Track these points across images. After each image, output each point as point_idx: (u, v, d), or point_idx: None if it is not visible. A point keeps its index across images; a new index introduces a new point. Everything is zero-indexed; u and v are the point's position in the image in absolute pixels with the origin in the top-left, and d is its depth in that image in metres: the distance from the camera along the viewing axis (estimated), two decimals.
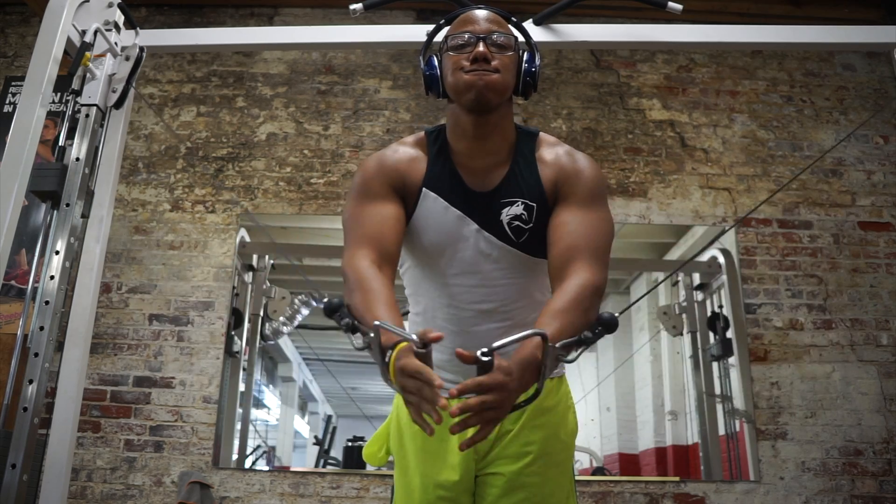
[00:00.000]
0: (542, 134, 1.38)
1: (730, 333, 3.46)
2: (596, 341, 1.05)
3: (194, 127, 3.70)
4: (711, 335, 3.57)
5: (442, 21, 1.43)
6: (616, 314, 1.06)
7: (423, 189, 1.32)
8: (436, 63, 1.34)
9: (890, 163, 3.66)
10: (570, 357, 1.05)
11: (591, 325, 1.08)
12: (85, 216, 1.94)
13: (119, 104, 2.08)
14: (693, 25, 2.29)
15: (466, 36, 1.27)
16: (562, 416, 1.37)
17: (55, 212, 1.89)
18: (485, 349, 0.92)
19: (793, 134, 3.70)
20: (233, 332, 3.39)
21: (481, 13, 1.32)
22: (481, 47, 1.25)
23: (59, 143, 1.98)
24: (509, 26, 1.35)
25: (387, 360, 0.98)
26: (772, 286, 3.42)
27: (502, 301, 1.32)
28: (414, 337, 0.95)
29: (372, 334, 1.00)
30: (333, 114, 3.73)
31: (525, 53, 1.33)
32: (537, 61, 1.34)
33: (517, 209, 1.29)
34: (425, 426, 0.93)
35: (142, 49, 2.11)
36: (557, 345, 1.00)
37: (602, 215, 1.27)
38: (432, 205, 1.31)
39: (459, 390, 0.91)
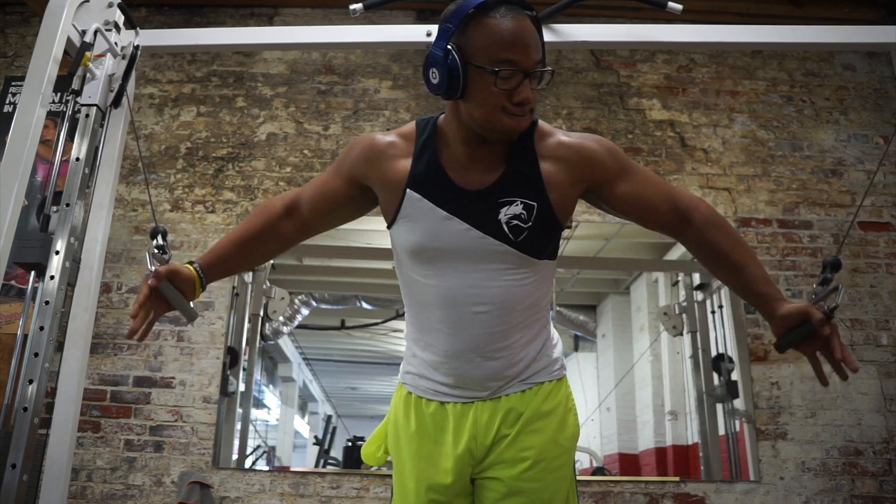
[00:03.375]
0: (540, 123, 1.31)
1: (735, 375, 3.41)
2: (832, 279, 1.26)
3: (194, 127, 3.70)
4: (716, 376, 3.54)
5: (471, 8, 1.18)
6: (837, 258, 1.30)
7: (407, 191, 1.27)
8: (458, 62, 1.17)
9: (890, 163, 3.66)
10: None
11: (822, 275, 1.30)
12: (72, 284, 1.92)
13: (116, 103, 2.07)
14: (693, 25, 2.29)
15: (514, 67, 1.16)
16: (561, 419, 1.34)
17: (41, 281, 1.86)
18: (830, 308, 1.20)
19: (793, 134, 3.70)
20: (228, 372, 3.29)
21: (526, 31, 1.17)
22: (528, 91, 1.17)
23: (58, 148, 1.98)
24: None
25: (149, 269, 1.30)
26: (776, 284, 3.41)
27: (499, 302, 1.27)
28: (151, 268, 1.29)
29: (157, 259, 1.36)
30: (333, 114, 3.73)
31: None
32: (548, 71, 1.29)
33: (516, 209, 1.24)
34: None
35: (136, 47, 2.10)
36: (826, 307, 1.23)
37: (641, 169, 1.33)
38: (417, 206, 1.27)
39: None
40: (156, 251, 1.35)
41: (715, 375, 3.55)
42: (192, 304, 1.35)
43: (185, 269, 1.32)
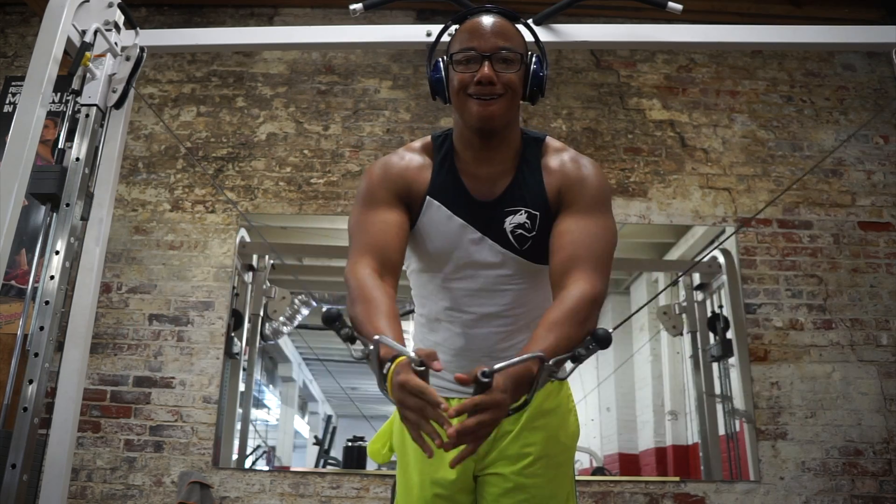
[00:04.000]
0: (548, 139, 1.37)
1: (730, 334, 3.45)
2: (588, 357, 1.04)
3: (194, 127, 3.70)
4: (711, 336, 3.57)
5: (448, 23, 1.40)
6: (610, 329, 1.06)
7: (428, 197, 1.33)
8: (441, 67, 1.32)
9: (890, 163, 3.66)
10: (560, 374, 1.04)
11: (585, 341, 1.07)
12: (84, 218, 1.94)
13: (119, 104, 2.07)
14: (693, 25, 2.29)
15: (472, 53, 1.25)
16: (562, 418, 1.38)
17: (55, 213, 1.89)
18: (485, 370, 0.93)
19: (793, 134, 3.70)
20: (232, 334, 3.38)
21: (488, 23, 1.28)
22: (486, 69, 1.23)
23: (59, 145, 1.98)
24: (517, 27, 1.32)
25: (385, 372, 0.99)
26: (772, 286, 3.41)
27: (504, 305, 1.34)
28: (412, 354, 0.95)
29: (371, 346, 1.01)
30: (333, 114, 3.72)
31: (533, 57, 1.31)
32: (545, 68, 1.32)
33: (520, 217, 1.30)
34: (425, 447, 0.94)
35: (142, 49, 2.11)
36: (550, 361, 1.01)
37: (605, 223, 1.27)
38: (436, 213, 1.32)
39: (458, 411, 0.93)
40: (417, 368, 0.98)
41: (710, 336, 3.56)
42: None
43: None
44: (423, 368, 0.94)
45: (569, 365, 1.07)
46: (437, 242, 1.33)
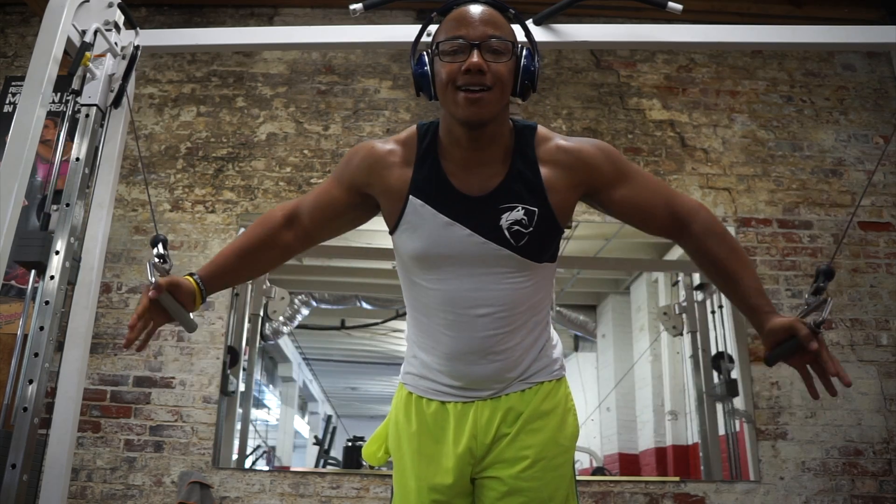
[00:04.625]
0: (539, 129, 1.31)
1: (734, 373, 3.41)
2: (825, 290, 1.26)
3: (194, 127, 3.70)
4: (715, 374, 3.54)
5: (434, 13, 1.34)
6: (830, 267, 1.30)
7: (410, 197, 1.28)
8: (426, 61, 1.25)
9: (890, 163, 3.66)
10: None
11: (815, 284, 1.33)
12: (72, 283, 1.92)
13: (116, 103, 2.07)
14: (693, 25, 2.29)
15: (460, 41, 1.19)
16: (561, 418, 1.35)
17: (41, 280, 1.85)
18: (816, 323, 1.20)
19: (793, 134, 3.70)
20: (228, 371, 3.29)
21: (476, 11, 1.22)
22: (475, 57, 1.17)
23: (56, 153, 1.98)
24: (507, 21, 1.27)
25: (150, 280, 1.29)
26: (772, 286, 3.41)
27: (500, 305, 1.28)
28: (151, 279, 1.28)
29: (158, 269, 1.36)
30: (333, 114, 3.73)
31: (524, 51, 1.25)
32: (537, 62, 1.27)
33: (517, 214, 1.25)
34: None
35: (136, 47, 2.10)
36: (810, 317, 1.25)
37: (640, 172, 1.33)
38: (419, 211, 1.28)
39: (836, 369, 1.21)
40: (157, 260, 1.35)
41: (715, 374, 3.55)
42: (191, 315, 1.34)
43: (185, 281, 1.32)
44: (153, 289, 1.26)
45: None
46: (423, 242, 1.28)
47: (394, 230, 1.33)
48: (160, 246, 1.39)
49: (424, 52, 1.27)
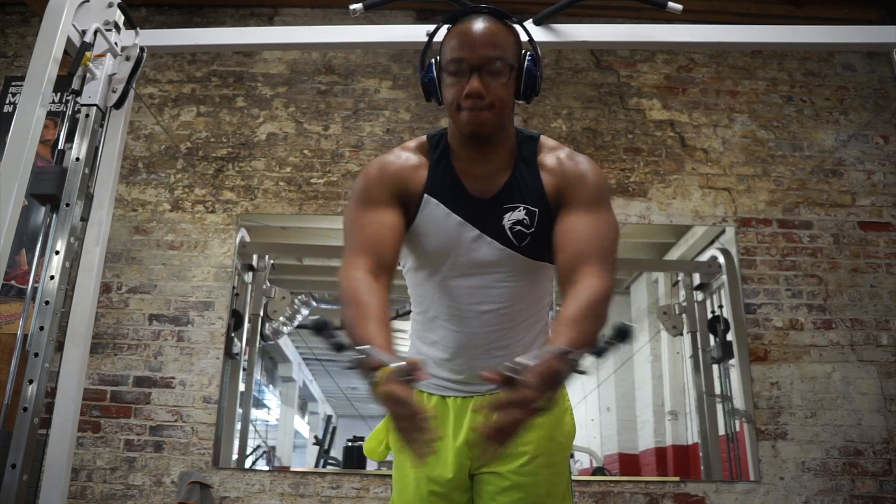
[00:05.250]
0: (542, 137, 1.38)
1: (730, 336, 3.44)
2: (610, 351, 1.03)
3: (194, 127, 3.70)
4: (711, 337, 3.56)
5: (439, 24, 1.38)
6: (629, 323, 1.03)
7: (425, 195, 1.32)
8: (434, 69, 1.32)
9: (890, 163, 3.66)
10: (581, 368, 1.02)
11: (604, 335, 1.06)
12: (84, 219, 1.94)
13: (119, 104, 2.08)
14: (693, 25, 2.29)
15: (461, 64, 1.24)
16: (558, 417, 1.38)
17: (55, 214, 1.89)
18: (512, 365, 0.93)
19: (793, 134, 3.70)
20: (233, 334, 3.37)
21: (478, 30, 1.25)
22: (475, 83, 1.22)
23: (59, 146, 1.98)
24: (509, 31, 1.30)
25: (371, 381, 0.98)
26: (772, 286, 3.41)
27: (503, 302, 1.34)
28: (397, 364, 0.95)
29: (358, 355, 1.01)
30: (333, 114, 3.73)
31: (527, 55, 1.30)
32: (539, 69, 1.31)
33: (519, 214, 1.30)
34: (414, 455, 0.94)
35: (142, 49, 2.11)
36: (573, 355, 1.00)
37: (607, 218, 1.28)
38: (434, 211, 1.32)
39: (489, 406, 0.93)
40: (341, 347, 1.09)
41: (711, 338, 3.55)
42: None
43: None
44: (408, 378, 0.95)
45: (589, 359, 1.07)
46: (435, 240, 1.33)
47: (407, 228, 1.35)
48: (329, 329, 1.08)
49: (432, 61, 1.32)
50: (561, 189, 1.31)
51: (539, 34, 2.17)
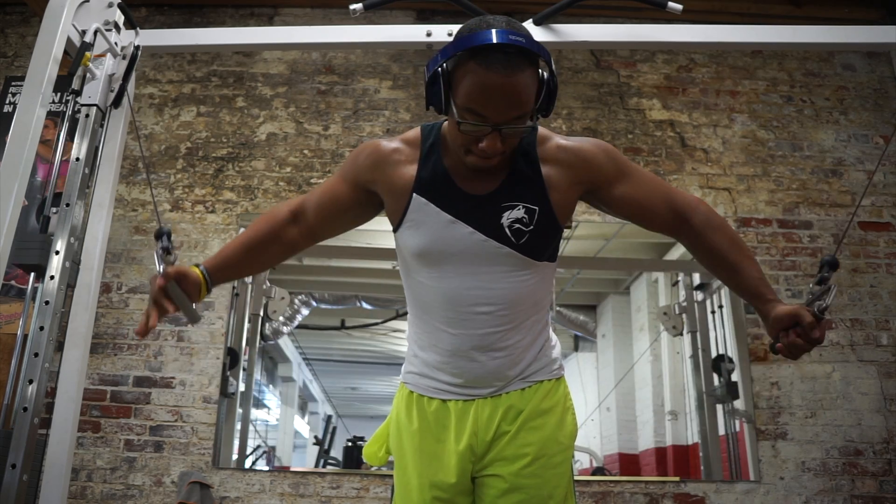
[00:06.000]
0: (540, 129, 1.32)
1: (735, 376, 3.40)
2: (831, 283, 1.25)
3: (194, 127, 3.70)
4: (716, 377, 3.54)
5: (457, 51, 1.16)
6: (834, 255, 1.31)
7: (414, 195, 1.30)
8: (441, 83, 1.18)
9: (890, 163, 3.66)
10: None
11: (819, 275, 1.29)
12: (71, 286, 1.91)
13: (116, 103, 2.08)
14: (693, 25, 2.29)
15: (482, 120, 1.15)
16: (560, 417, 1.36)
17: (41, 282, 1.85)
18: (819, 308, 1.20)
19: (793, 134, 3.70)
20: (228, 373, 3.29)
21: (505, 86, 1.12)
22: (495, 142, 1.17)
23: (56, 152, 1.98)
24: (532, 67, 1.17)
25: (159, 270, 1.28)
26: (772, 286, 3.41)
27: (501, 303, 1.30)
28: (160, 269, 1.28)
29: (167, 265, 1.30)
30: (333, 114, 3.73)
31: (544, 89, 1.20)
32: (552, 104, 1.23)
33: (518, 212, 1.27)
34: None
35: (137, 47, 2.10)
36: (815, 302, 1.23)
37: (639, 171, 1.35)
38: (423, 209, 1.29)
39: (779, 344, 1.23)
40: (162, 252, 1.35)
41: (715, 376, 3.54)
42: (195, 306, 1.35)
43: (191, 271, 1.32)
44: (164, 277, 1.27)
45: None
46: (426, 239, 1.30)
47: (397, 227, 1.34)
48: (165, 238, 1.39)
49: (439, 70, 1.18)
50: (576, 181, 1.29)
51: (539, 34, 2.17)
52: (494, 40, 1.12)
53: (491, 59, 1.12)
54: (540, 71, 1.19)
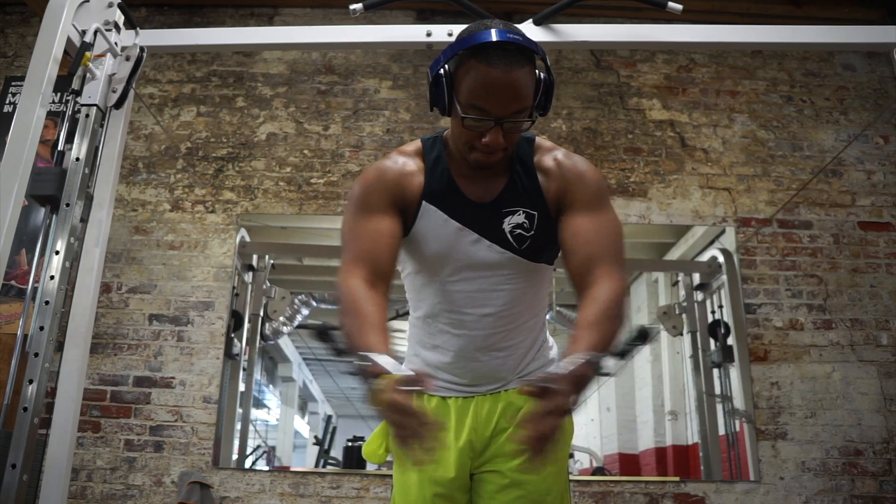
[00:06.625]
0: (538, 139, 1.37)
1: (730, 340, 3.43)
2: (632, 351, 1.07)
3: (194, 127, 3.70)
4: (712, 341, 3.56)
5: (458, 50, 1.20)
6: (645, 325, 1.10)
7: (423, 202, 1.32)
8: (444, 83, 1.21)
9: (890, 163, 3.66)
10: (604, 370, 1.08)
11: (624, 337, 1.11)
12: (84, 219, 1.94)
13: (119, 104, 2.08)
14: (693, 25, 2.29)
15: (485, 114, 1.18)
16: None
17: (55, 215, 1.89)
18: (544, 376, 0.96)
19: (793, 134, 3.70)
20: (232, 334, 3.37)
21: (505, 80, 1.16)
22: (498, 137, 1.19)
23: (59, 146, 1.98)
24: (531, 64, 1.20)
25: (372, 388, 0.98)
26: (772, 286, 3.42)
27: (503, 305, 1.35)
28: (407, 373, 0.95)
29: (358, 362, 1.03)
30: (333, 114, 3.73)
31: (542, 87, 1.22)
32: (549, 103, 1.25)
33: (519, 218, 1.31)
34: (413, 457, 0.93)
35: (142, 49, 2.11)
36: (595, 360, 1.03)
37: (611, 216, 1.30)
38: (432, 217, 1.32)
39: (524, 420, 0.94)
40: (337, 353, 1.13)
41: (711, 341, 3.55)
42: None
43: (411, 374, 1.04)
44: (412, 387, 0.93)
45: (611, 361, 1.12)
46: (435, 246, 1.33)
47: (405, 234, 1.35)
48: (333, 335, 1.18)
49: (441, 72, 1.21)
50: (561, 191, 1.31)
51: (539, 34, 2.16)
52: (494, 38, 1.16)
53: (491, 55, 1.16)
54: (537, 71, 1.22)
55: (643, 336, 1.12)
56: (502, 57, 1.16)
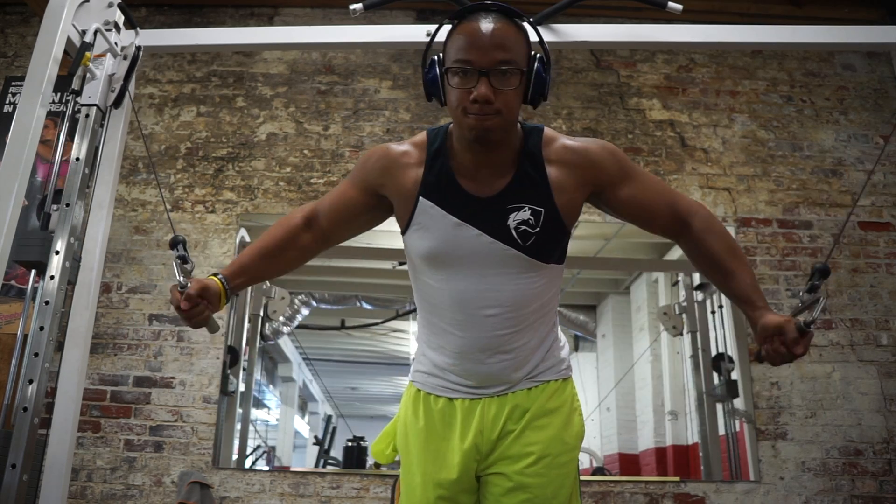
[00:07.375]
0: (546, 130, 1.33)
1: (735, 375, 3.39)
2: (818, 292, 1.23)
3: (194, 127, 3.70)
4: (716, 375, 3.54)
5: (443, 22, 1.30)
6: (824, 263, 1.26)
7: (420, 198, 1.31)
8: (437, 68, 1.26)
9: (890, 163, 3.66)
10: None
11: (810, 282, 1.25)
12: (72, 283, 1.91)
13: (117, 103, 2.08)
14: (693, 25, 2.29)
15: (468, 67, 1.19)
16: (566, 417, 1.37)
17: (41, 280, 1.84)
18: (805, 322, 1.15)
19: (793, 134, 3.70)
20: (229, 371, 3.29)
21: (487, 30, 1.19)
22: (484, 88, 1.17)
23: (58, 149, 1.98)
24: (519, 30, 1.24)
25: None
26: (772, 286, 3.41)
27: (509, 305, 1.31)
28: (180, 279, 1.27)
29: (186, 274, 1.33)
30: (333, 114, 3.73)
31: (536, 58, 1.25)
32: (549, 73, 1.27)
33: (524, 214, 1.28)
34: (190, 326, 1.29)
35: (138, 48, 2.10)
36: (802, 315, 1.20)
37: (643, 174, 1.36)
38: (429, 212, 1.30)
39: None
40: (179, 261, 1.35)
41: (715, 375, 3.54)
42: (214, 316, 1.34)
43: (212, 283, 1.30)
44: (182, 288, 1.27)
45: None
46: (434, 242, 1.30)
47: (405, 231, 1.35)
48: (180, 246, 1.39)
49: (435, 58, 1.28)
50: (582, 179, 1.30)
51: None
52: (477, 6, 1.24)
53: (475, 15, 1.23)
54: (534, 56, 1.26)
55: (824, 273, 1.18)
56: (485, 14, 1.22)
